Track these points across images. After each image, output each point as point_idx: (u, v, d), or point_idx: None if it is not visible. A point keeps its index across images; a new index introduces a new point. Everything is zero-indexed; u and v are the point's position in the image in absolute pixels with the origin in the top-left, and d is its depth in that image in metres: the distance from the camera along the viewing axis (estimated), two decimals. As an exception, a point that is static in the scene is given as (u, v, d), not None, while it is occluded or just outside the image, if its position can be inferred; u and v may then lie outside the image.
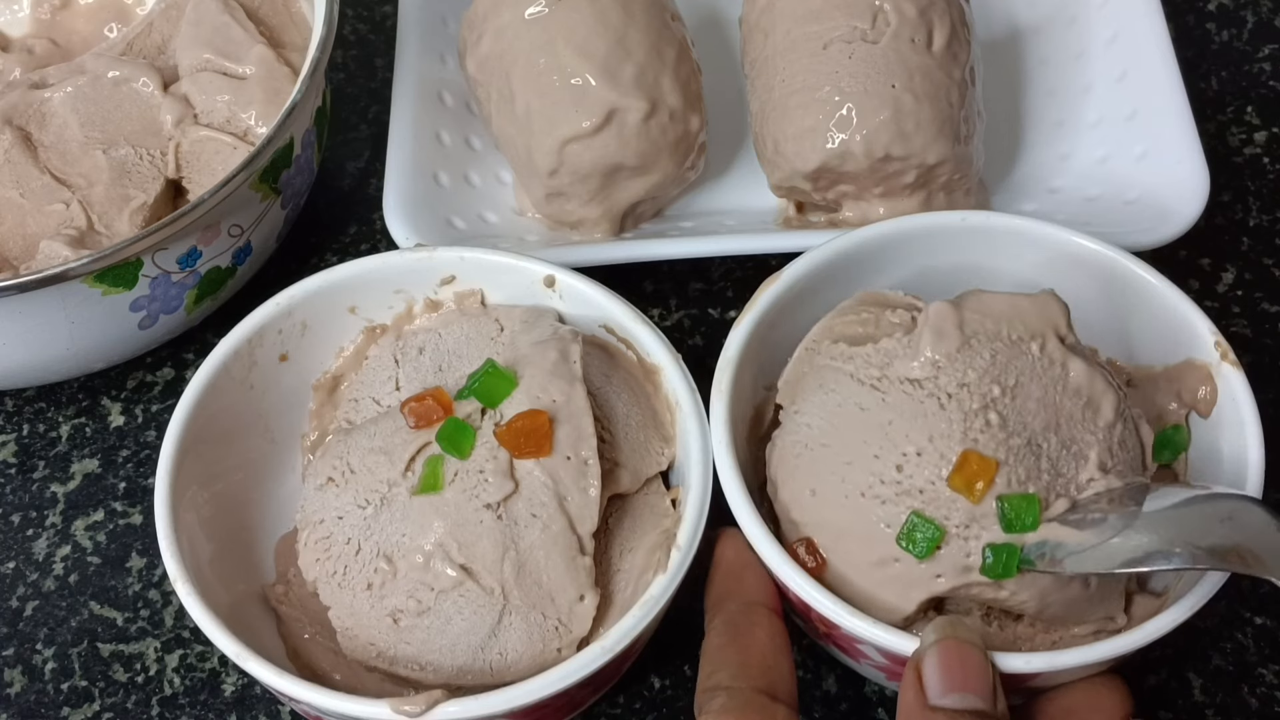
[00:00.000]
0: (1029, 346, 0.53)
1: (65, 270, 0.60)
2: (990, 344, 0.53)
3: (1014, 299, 0.54)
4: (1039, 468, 0.51)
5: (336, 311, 0.62)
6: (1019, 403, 0.52)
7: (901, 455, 0.52)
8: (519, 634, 0.54)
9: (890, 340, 0.54)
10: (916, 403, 0.52)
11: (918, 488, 0.51)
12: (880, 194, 0.69)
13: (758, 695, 0.50)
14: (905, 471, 0.52)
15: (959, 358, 0.52)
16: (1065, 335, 0.54)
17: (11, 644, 0.63)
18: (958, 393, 0.52)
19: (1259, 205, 0.77)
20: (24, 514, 0.67)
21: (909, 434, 0.52)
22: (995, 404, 0.52)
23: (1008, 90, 0.78)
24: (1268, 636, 0.62)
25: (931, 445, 0.52)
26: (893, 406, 0.53)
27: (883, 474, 0.52)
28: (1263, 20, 0.85)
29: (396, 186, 0.71)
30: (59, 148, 0.69)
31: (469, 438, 0.55)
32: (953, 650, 0.49)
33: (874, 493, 0.52)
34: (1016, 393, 0.52)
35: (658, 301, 0.74)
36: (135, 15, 0.80)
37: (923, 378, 0.53)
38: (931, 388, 0.52)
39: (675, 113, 0.69)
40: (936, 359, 0.53)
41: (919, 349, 0.53)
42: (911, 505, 0.51)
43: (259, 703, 0.61)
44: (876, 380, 0.54)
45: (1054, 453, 0.52)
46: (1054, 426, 0.52)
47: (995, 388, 0.52)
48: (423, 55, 0.76)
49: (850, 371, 0.55)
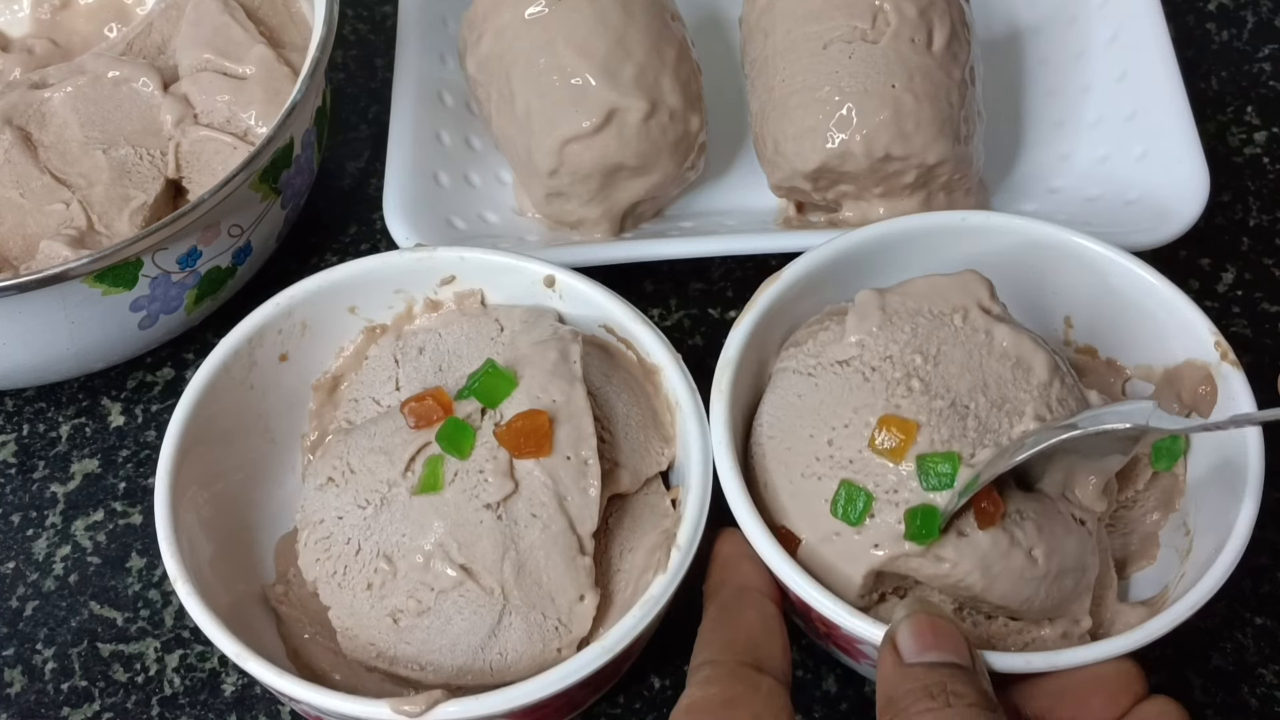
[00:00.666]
0: (951, 318, 0.55)
1: (65, 270, 0.60)
2: (912, 319, 0.55)
3: (934, 279, 0.57)
4: (965, 426, 0.53)
5: (336, 311, 0.62)
6: (941, 368, 0.54)
7: (831, 430, 0.54)
8: (519, 634, 0.54)
9: (825, 332, 0.57)
10: (843, 379, 0.55)
11: (847, 458, 0.53)
12: (880, 194, 0.69)
13: (742, 667, 0.50)
14: (835, 445, 0.54)
15: (880, 334, 0.55)
16: (989, 306, 0.56)
17: (11, 644, 0.63)
18: (881, 365, 0.54)
19: (1259, 205, 0.77)
20: (24, 514, 0.67)
21: (836, 409, 0.54)
22: (917, 371, 0.54)
23: (1008, 90, 0.78)
24: (1268, 636, 0.62)
25: (856, 416, 0.53)
26: (823, 388, 0.55)
27: (817, 452, 0.54)
28: (1263, 20, 0.85)
29: (396, 186, 0.71)
30: (59, 148, 0.69)
31: (469, 438, 0.55)
32: (924, 620, 0.50)
33: (811, 471, 0.54)
34: (939, 360, 0.54)
35: (658, 301, 0.74)
36: (135, 15, 0.80)
37: (849, 357, 0.55)
38: (858, 365, 0.55)
39: (675, 113, 0.69)
40: (861, 339, 0.55)
41: (846, 332, 0.55)
42: (841, 475, 0.53)
43: (259, 703, 0.61)
44: (812, 369, 0.56)
45: (982, 412, 0.53)
46: (981, 387, 0.54)
47: (917, 357, 0.54)
48: (423, 55, 0.76)
49: (792, 368, 0.57)
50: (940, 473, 0.52)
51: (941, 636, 0.49)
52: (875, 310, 0.55)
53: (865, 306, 0.56)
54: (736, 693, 0.50)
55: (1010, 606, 0.53)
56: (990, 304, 0.56)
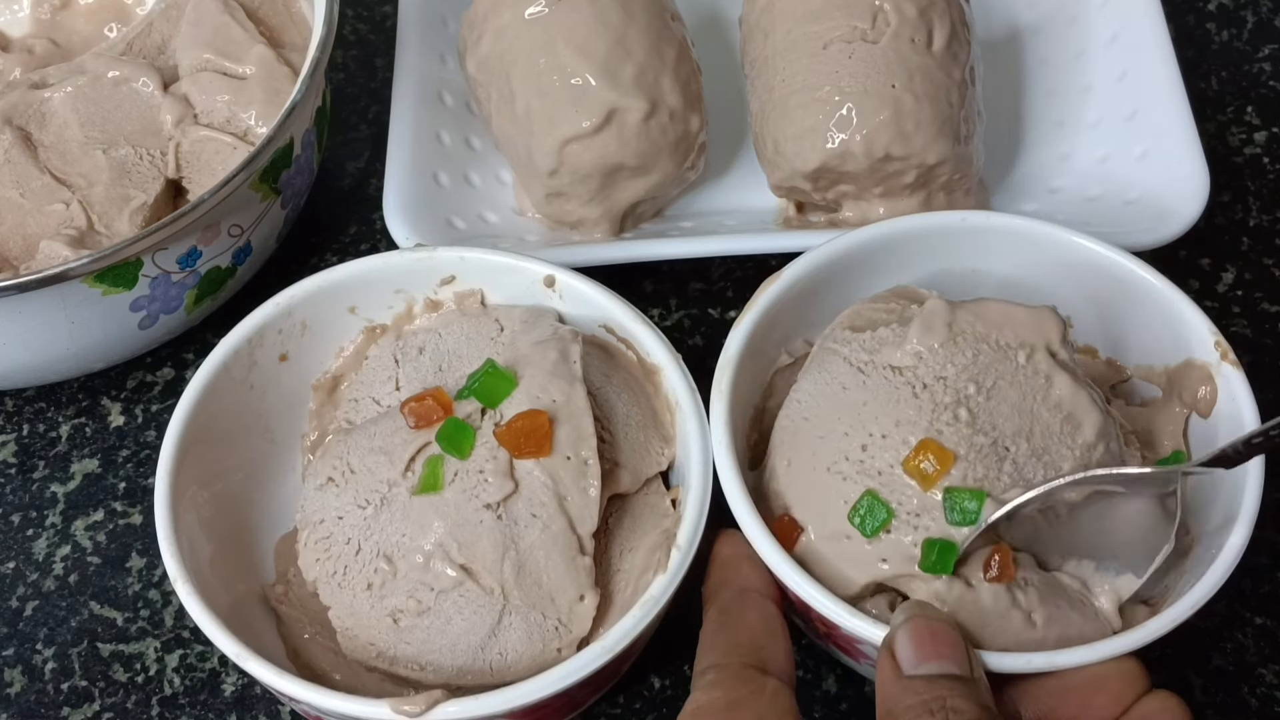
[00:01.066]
0: (1015, 354, 0.54)
1: (65, 270, 0.60)
2: (975, 344, 0.54)
3: (1011, 307, 0.55)
4: (1000, 469, 0.52)
5: (336, 311, 0.62)
6: (993, 404, 0.53)
7: (868, 435, 0.53)
8: (519, 634, 0.54)
9: (886, 328, 0.56)
10: (893, 388, 0.54)
11: (877, 469, 0.53)
12: (880, 194, 0.69)
13: (746, 669, 0.50)
14: (869, 452, 0.53)
15: (941, 352, 0.54)
16: (1057, 351, 0.54)
17: (11, 644, 0.63)
18: (933, 384, 0.53)
19: (1259, 205, 0.77)
20: (24, 514, 0.67)
21: (878, 417, 0.53)
22: (968, 401, 0.53)
23: (1008, 90, 0.78)
24: (1268, 636, 0.62)
25: (897, 430, 0.53)
26: (870, 389, 0.54)
27: (848, 451, 0.53)
28: (1263, 20, 0.85)
29: (396, 186, 0.71)
30: (59, 148, 0.69)
31: (469, 438, 0.55)
32: (922, 625, 0.50)
33: (837, 469, 0.53)
34: (992, 394, 0.53)
35: (658, 301, 0.74)
36: (135, 15, 0.80)
37: (904, 366, 0.54)
38: (910, 376, 0.54)
39: (675, 113, 0.69)
40: (920, 350, 0.54)
41: (907, 338, 0.54)
42: (868, 485, 0.52)
43: (259, 703, 0.61)
44: (864, 364, 0.55)
45: (1021, 458, 0.52)
46: (1026, 433, 0.53)
47: (971, 385, 0.53)
48: (423, 55, 0.76)
49: (845, 355, 0.56)
50: (965, 509, 0.51)
51: (941, 643, 0.49)
52: (942, 326, 0.54)
53: (932, 318, 0.54)
54: (741, 695, 0.50)
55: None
56: (1059, 348, 0.54)
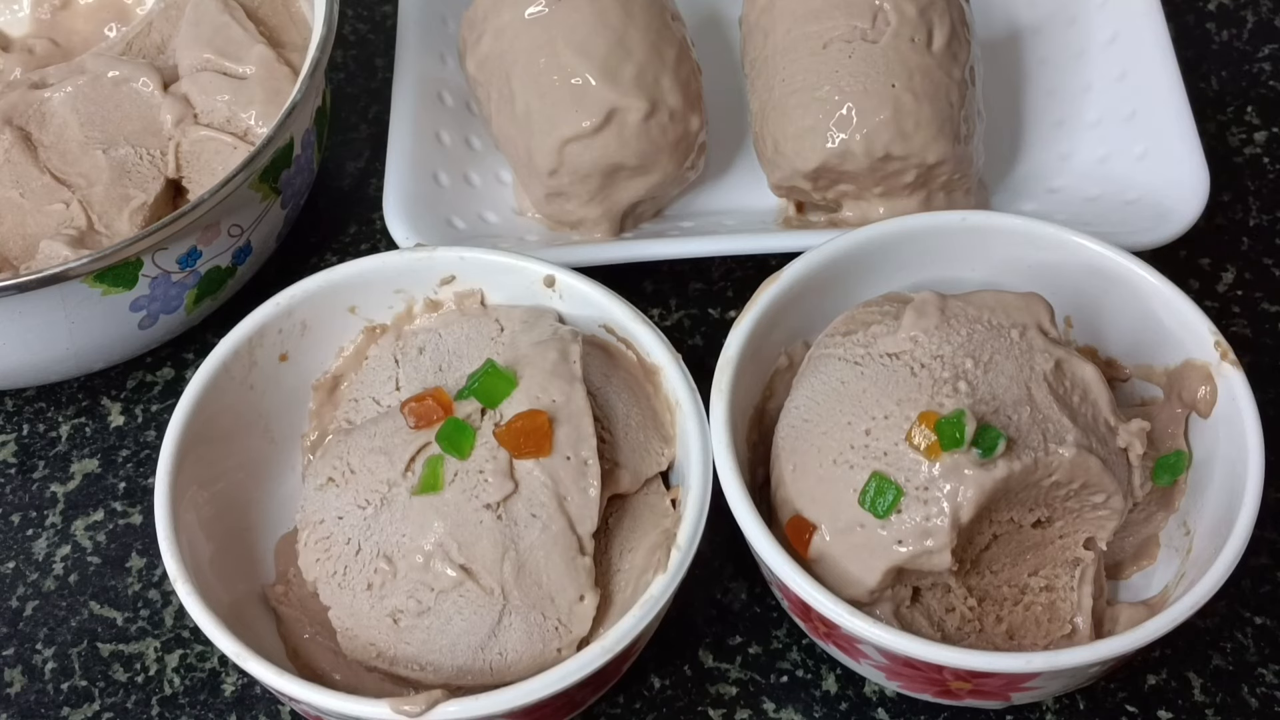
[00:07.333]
0: (1008, 331, 0.55)
1: (65, 270, 0.60)
2: (969, 325, 0.55)
3: (999, 294, 0.56)
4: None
5: (336, 311, 0.62)
6: (991, 377, 0.53)
7: (870, 419, 0.54)
8: (519, 634, 0.54)
9: (879, 325, 0.56)
10: (891, 371, 0.54)
11: (882, 450, 0.53)
12: (880, 194, 0.69)
13: None
14: (873, 435, 0.53)
15: (936, 333, 0.54)
16: (1048, 330, 0.55)
17: (11, 644, 0.63)
18: (930, 363, 0.54)
19: (1259, 205, 0.77)
20: (24, 514, 0.67)
21: (879, 399, 0.54)
22: (966, 375, 0.53)
23: (1008, 90, 0.78)
24: (1268, 636, 0.62)
25: (899, 409, 0.53)
26: (869, 377, 0.55)
27: (853, 440, 0.54)
28: (1263, 20, 0.85)
29: (396, 186, 0.71)
30: (59, 148, 0.70)
31: (469, 438, 0.55)
32: None
33: (844, 459, 0.53)
34: (989, 367, 0.54)
35: (658, 301, 0.74)
36: (135, 15, 0.80)
37: (900, 351, 0.55)
38: (908, 359, 0.54)
39: (675, 113, 0.69)
40: (915, 334, 0.55)
41: (901, 326, 0.55)
42: (875, 467, 0.53)
43: (259, 703, 0.61)
44: (860, 357, 0.56)
45: (1024, 427, 0.53)
46: (1027, 402, 0.53)
47: (969, 361, 0.54)
48: (423, 55, 0.76)
49: (840, 354, 0.56)
50: (957, 432, 0.52)
51: None
52: (934, 310, 0.55)
53: (925, 306, 0.55)
54: None
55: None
56: (1049, 328, 0.56)
